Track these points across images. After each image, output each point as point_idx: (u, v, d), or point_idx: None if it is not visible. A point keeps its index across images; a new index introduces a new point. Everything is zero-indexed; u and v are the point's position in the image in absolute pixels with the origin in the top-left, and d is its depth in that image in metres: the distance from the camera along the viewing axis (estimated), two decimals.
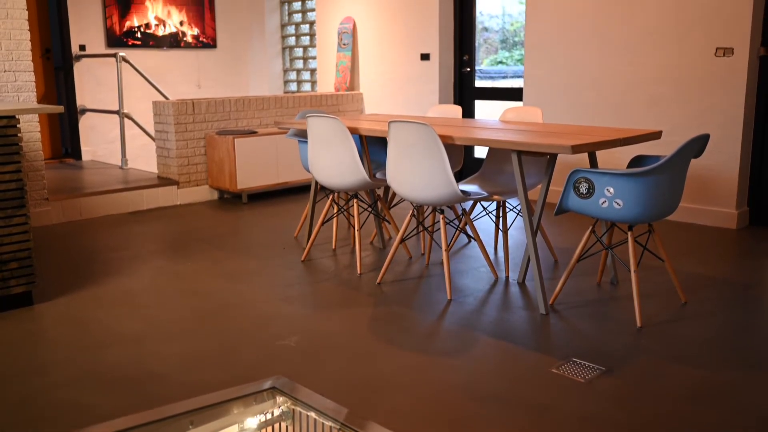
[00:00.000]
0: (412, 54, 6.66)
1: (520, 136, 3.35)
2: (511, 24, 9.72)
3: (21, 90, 4.90)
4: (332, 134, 3.80)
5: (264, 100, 6.42)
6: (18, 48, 4.88)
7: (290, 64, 8.63)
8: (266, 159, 6.01)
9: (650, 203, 2.96)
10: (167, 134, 5.91)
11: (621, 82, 5.21)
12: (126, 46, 7.69)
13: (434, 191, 3.38)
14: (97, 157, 7.60)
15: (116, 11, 7.59)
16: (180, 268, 4.07)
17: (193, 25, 8.22)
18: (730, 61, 4.65)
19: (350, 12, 7.24)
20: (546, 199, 3.48)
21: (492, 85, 6.98)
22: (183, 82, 8.21)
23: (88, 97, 7.51)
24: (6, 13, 4.81)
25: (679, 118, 4.93)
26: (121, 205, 5.61)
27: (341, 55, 7.31)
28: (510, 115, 4.39)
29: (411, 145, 3.37)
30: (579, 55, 5.44)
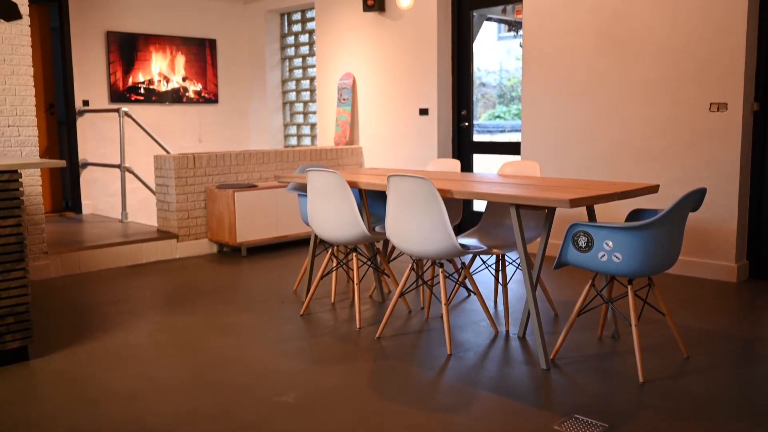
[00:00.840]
0: (411, 109, 6.76)
1: (518, 190, 3.37)
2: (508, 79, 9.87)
3: (24, 144, 4.95)
4: (332, 188, 3.82)
5: (264, 154, 6.48)
6: (23, 103, 4.96)
7: (291, 119, 8.74)
8: (266, 212, 6.04)
9: (649, 257, 2.96)
10: (168, 188, 5.95)
11: (618, 137, 5.27)
12: (129, 102, 7.80)
13: (433, 245, 3.39)
14: (98, 211, 7.63)
15: (120, 67, 7.73)
16: (178, 322, 4.04)
17: (196, 81, 8.35)
18: (725, 116, 4.72)
19: (350, 68, 7.37)
20: (545, 253, 3.48)
21: (490, 139, 7.06)
22: (184, 136, 8.30)
23: (90, 151, 7.59)
24: (12, 70, 4.90)
25: (675, 172, 4.97)
26: (121, 259, 5.60)
27: (341, 110, 7.41)
28: (508, 169, 4.43)
29: (410, 199, 3.38)
30: (575, 110, 5.51)
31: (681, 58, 4.89)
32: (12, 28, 4.90)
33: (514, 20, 7.18)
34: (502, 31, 9.60)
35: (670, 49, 4.94)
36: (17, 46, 4.92)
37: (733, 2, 4.61)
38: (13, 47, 4.90)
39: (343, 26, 7.40)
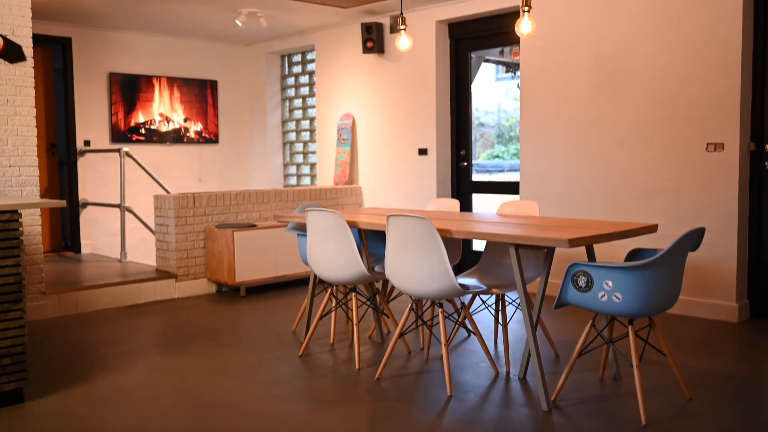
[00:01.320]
0: (410, 149, 6.80)
1: (517, 229, 3.37)
2: (507, 120, 9.96)
3: (25, 184, 4.97)
4: (331, 228, 3.83)
5: (264, 194, 6.50)
6: (24, 144, 4.99)
7: (290, 159, 8.80)
8: (265, 252, 6.03)
9: (649, 296, 2.95)
10: (167, 227, 5.95)
11: (615, 176, 5.30)
12: (130, 142, 7.86)
13: (433, 285, 3.38)
14: (97, 250, 7.62)
15: (122, 108, 7.80)
16: (175, 363, 4.00)
17: (197, 121, 8.42)
18: (722, 155, 4.75)
19: (349, 108, 7.44)
20: (545, 293, 3.47)
21: (489, 179, 7.09)
22: (185, 176, 8.34)
23: (91, 190, 7.61)
24: (15, 111, 4.95)
25: (674, 212, 4.99)
26: (119, 299, 5.58)
27: (340, 149, 7.46)
28: (507, 208, 4.44)
29: (409, 239, 3.39)
30: (573, 150, 5.55)
31: (677, 98, 4.95)
32: (16, 69, 4.96)
33: (512, 62, 7.28)
34: (500, 72, 9.71)
35: (666, 90, 5.00)
36: (20, 87, 4.98)
37: (726, 45, 4.68)
38: (16, 88, 4.96)
39: (342, 67, 7.50)
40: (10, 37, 4.94)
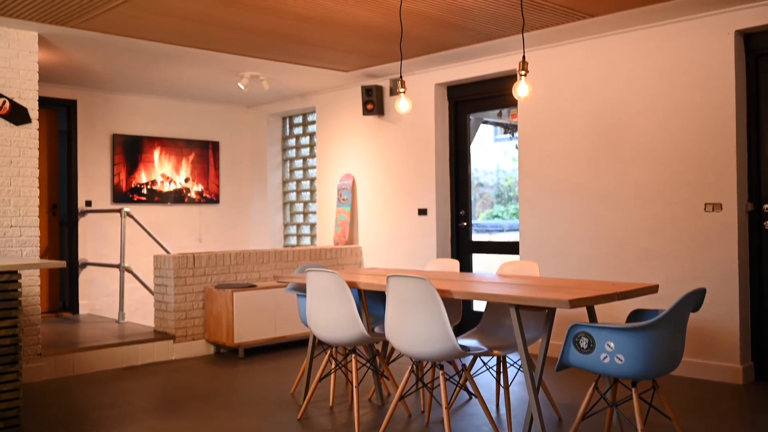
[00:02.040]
0: (410, 209, 6.84)
1: (517, 290, 3.36)
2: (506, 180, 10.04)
3: (25, 245, 4.98)
4: (331, 288, 3.81)
5: (264, 254, 6.50)
6: (26, 204, 5.02)
7: (291, 219, 8.83)
8: (264, 313, 5.99)
9: (652, 358, 2.92)
10: (166, 288, 5.93)
11: (614, 236, 5.31)
12: (131, 202, 7.90)
13: (433, 346, 3.35)
14: (95, 311, 7.57)
15: (124, 168, 7.87)
16: (171, 427, 3.93)
17: (198, 182, 8.49)
18: (720, 216, 4.77)
19: (350, 169, 7.51)
20: (546, 354, 3.43)
21: (489, 239, 7.10)
22: (185, 236, 8.36)
23: (91, 250, 7.61)
24: (18, 172, 4.99)
25: (674, 272, 4.98)
26: (116, 360, 5.51)
27: (341, 210, 7.50)
28: (507, 269, 4.44)
29: (409, 300, 3.37)
30: (572, 210, 5.58)
31: (674, 159, 5.00)
32: (21, 131, 5.04)
33: (510, 123, 7.39)
34: (498, 133, 9.84)
35: (662, 152, 5.06)
36: (25, 149, 5.04)
37: (721, 108, 4.76)
38: (20, 150, 5.02)
39: (343, 129, 7.60)
40: (16, 99, 5.03)
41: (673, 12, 4.79)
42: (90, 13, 4.66)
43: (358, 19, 4.91)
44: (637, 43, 5.18)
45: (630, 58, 5.23)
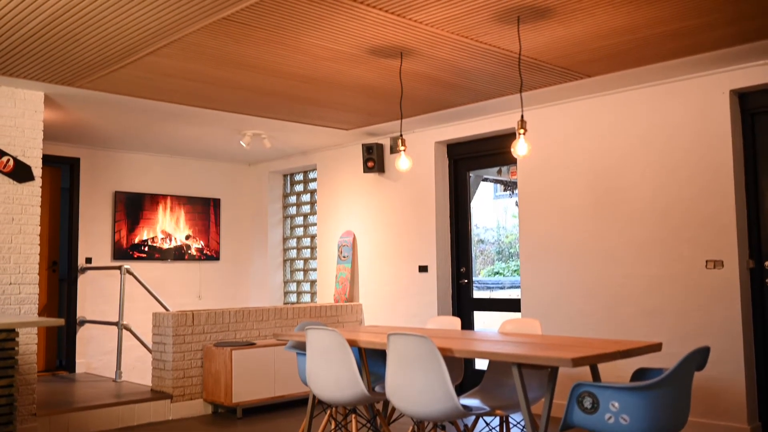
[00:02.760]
0: (411, 266, 6.82)
1: (520, 348, 3.33)
2: (506, 236, 10.04)
3: (24, 302, 4.95)
4: (331, 347, 3.77)
5: (264, 312, 6.45)
6: (26, 262, 5.02)
7: (291, 276, 8.80)
8: (264, 371, 5.91)
9: (658, 418, 2.86)
10: (165, 346, 5.87)
11: (616, 293, 5.28)
12: (131, 259, 7.89)
13: (435, 406, 3.29)
14: (92, 369, 7.47)
15: (125, 226, 7.89)
16: None
17: (199, 239, 8.50)
18: (721, 273, 4.76)
19: (350, 226, 7.53)
20: (550, 414, 3.37)
21: (490, 296, 7.07)
22: (185, 293, 8.32)
23: (90, 308, 7.57)
24: (19, 229, 5.01)
25: (677, 330, 4.93)
26: (111, 421, 5.41)
27: (341, 267, 7.48)
28: (509, 326, 4.40)
29: (410, 358, 3.33)
30: (573, 267, 5.57)
31: (673, 217, 5.02)
32: (24, 189, 5.07)
33: (509, 181, 7.44)
34: (498, 190, 9.92)
35: (662, 208, 5.08)
36: (27, 206, 5.06)
37: (719, 166, 4.80)
38: (22, 207, 5.04)
39: (343, 186, 7.65)
40: (20, 157, 5.09)
41: (668, 72, 4.88)
42: (96, 73, 4.75)
43: (359, 79, 5.00)
44: (634, 102, 5.26)
45: (627, 117, 5.30)
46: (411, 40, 4.16)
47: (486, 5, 3.63)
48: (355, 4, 3.59)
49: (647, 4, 3.64)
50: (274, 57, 4.45)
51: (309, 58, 4.50)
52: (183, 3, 3.54)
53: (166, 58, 4.45)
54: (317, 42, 4.18)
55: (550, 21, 3.88)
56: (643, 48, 4.36)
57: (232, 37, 4.07)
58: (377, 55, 4.45)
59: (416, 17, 3.79)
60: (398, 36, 4.09)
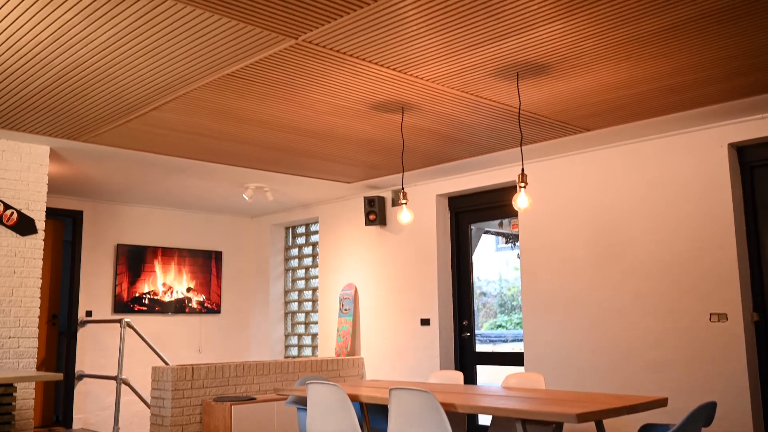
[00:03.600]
0: (413, 319, 6.78)
1: (523, 403, 3.28)
2: (508, 289, 10.00)
3: (22, 356, 4.91)
4: (332, 402, 3.73)
5: (264, 365, 6.38)
6: (26, 315, 4.99)
7: (292, 329, 8.74)
8: (264, 427, 5.81)
9: None
10: (164, 401, 5.79)
11: (620, 347, 5.23)
12: (132, 312, 7.85)
13: None
14: (89, 425, 7.35)
15: (126, 278, 7.88)
16: None
17: (200, 292, 8.47)
18: (726, 326, 4.72)
19: (352, 279, 7.51)
20: None
21: (492, 350, 7.00)
22: (185, 346, 8.25)
23: (89, 361, 7.49)
24: (21, 282, 5.00)
25: (682, 384, 4.87)
26: None
27: (342, 320, 7.43)
28: (512, 381, 4.35)
29: (412, 414, 3.29)
30: (576, 320, 5.53)
31: (676, 269, 5.00)
32: (26, 242, 5.09)
33: (511, 233, 7.45)
34: (500, 242, 9.90)
35: (664, 261, 5.07)
36: (29, 259, 5.07)
37: (719, 218, 4.82)
38: (24, 260, 5.05)
39: (345, 239, 7.66)
40: (24, 211, 5.12)
41: (666, 126, 4.94)
42: (102, 128, 4.82)
43: (361, 133, 5.06)
44: (633, 156, 5.31)
45: (627, 170, 5.34)
46: (412, 95, 4.23)
47: (485, 62, 3.70)
48: (358, 61, 3.67)
49: (644, 61, 3.71)
50: (278, 112, 4.52)
51: (312, 113, 4.57)
52: (189, 60, 3.61)
53: (171, 113, 4.52)
54: (320, 97, 4.25)
55: (549, 77, 3.95)
56: (640, 103, 4.43)
57: (236, 93, 4.14)
58: (379, 110, 4.52)
59: (417, 73, 3.86)
60: (399, 91, 4.16)
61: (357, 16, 3.12)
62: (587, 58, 3.68)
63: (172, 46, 3.45)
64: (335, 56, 3.60)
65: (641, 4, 3.05)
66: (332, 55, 3.59)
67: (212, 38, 3.35)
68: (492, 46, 3.49)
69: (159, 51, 3.50)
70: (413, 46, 3.48)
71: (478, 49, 3.54)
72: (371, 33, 3.31)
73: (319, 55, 3.58)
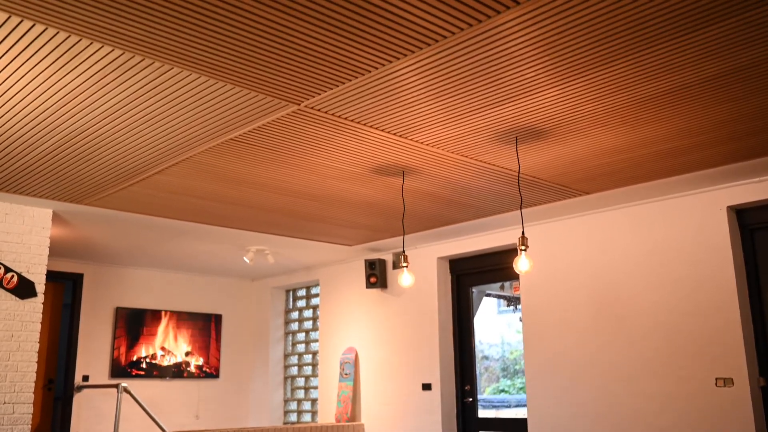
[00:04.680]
0: (414, 384, 6.67)
1: None
2: (511, 353, 9.89)
3: (16, 423, 4.82)
4: None
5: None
6: (22, 380, 4.93)
7: (291, 394, 8.60)
8: None
9: None
10: None
11: (625, 412, 5.13)
12: (129, 376, 7.74)
13: None
14: None
15: (125, 342, 7.80)
16: None
17: (199, 356, 8.37)
18: (732, 391, 4.64)
19: (352, 342, 7.43)
20: None
21: (495, 415, 6.87)
22: (182, 412, 8.10)
23: (84, 427, 7.34)
24: (18, 346, 4.95)
25: None
26: None
27: (343, 384, 7.32)
28: None
29: None
30: (580, 384, 5.44)
31: (680, 333, 4.95)
32: (25, 305, 5.06)
33: (512, 296, 7.41)
34: (501, 305, 9.83)
35: (668, 324, 5.02)
36: (27, 323, 5.03)
37: (721, 282, 4.79)
38: (23, 324, 5.01)
39: (346, 302, 7.61)
40: (25, 274, 5.11)
41: (665, 189, 4.97)
42: (105, 191, 4.86)
43: (362, 196, 5.09)
44: (633, 218, 5.33)
45: (627, 233, 5.35)
46: (413, 159, 4.28)
47: (484, 126, 3.76)
48: (359, 126, 3.72)
49: (641, 125, 3.77)
50: (280, 175, 4.57)
51: (314, 177, 4.61)
52: (193, 125, 3.67)
53: (174, 177, 4.56)
54: (322, 161, 4.30)
55: (547, 141, 4.00)
56: (638, 166, 4.46)
57: (238, 157, 4.19)
58: (380, 174, 4.56)
59: (417, 138, 3.91)
60: (400, 155, 4.21)
61: (359, 82, 3.18)
62: (584, 123, 3.73)
63: (177, 112, 3.51)
64: (337, 121, 3.66)
65: (637, 70, 3.11)
66: (334, 121, 3.65)
67: (216, 104, 3.41)
68: (491, 111, 3.55)
69: (164, 116, 3.56)
70: (413, 111, 3.54)
71: (477, 115, 3.60)
72: (372, 99, 3.37)
73: (321, 120, 3.64)
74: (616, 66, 3.06)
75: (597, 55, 2.96)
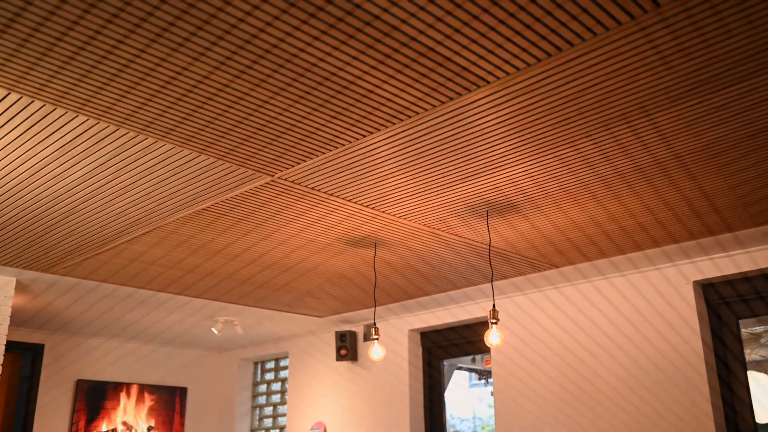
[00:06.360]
0: None
1: None
2: (482, 427, 9.71)
3: None
4: None
5: None
6: None
7: None
8: None
9: None
10: None
11: None
12: None
13: None
14: None
15: (84, 416, 7.51)
16: None
17: (162, 430, 8.08)
18: None
19: (321, 417, 7.26)
20: None
21: None
22: None
23: None
24: None
25: None
26: None
27: None
28: None
29: None
30: None
31: (648, 407, 4.92)
32: None
33: (484, 369, 7.35)
34: (473, 379, 9.73)
35: (636, 399, 4.99)
36: None
37: (690, 355, 4.81)
38: None
39: (315, 374, 7.47)
40: None
41: (632, 263, 5.03)
42: (72, 260, 4.77)
43: (334, 267, 5.07)
44: (602, 292, 5.36)
45: (596, 306, 5.37)
46: (384, 231, 4.29)
47: (456, 200, 3.80)
48: (332, 198, 3.74)
49: (610, 201, 3.84)
50: (251, 246, 4.54)
51: (285, 248, 4.59)
52: (165, 194, 3.66)
53: (143, 246, 4.51)
54: (294, 232, 4.29)
55: (518, 215, 4.05)
56: (606, 241, 4.53)
57: (209, 226, 4.16)
58: (352, 245, 4.56)
59: (390, 210, 3.94)
60: (372, 227, 4.23)
61: (332, 155, 3.22)
62: (554, 198, 3.79)
63: (149, 182, 3.50)
64: (310, 193, 3.67)
65: (605, 148, 3.19)
66: (307, 192, 3.66)
67: (188, 174, 3.41)
68: (462, 185, 3.60)
69: (135, 186, 3.55)
70: (386, 184, 3.57)
71: (449, 189, 3.64)
72: (345, 172, 3.41)
73: (294, 191, 3.65)
74: (584, 143, 3.14)
75: (566, 133, 3.04)
